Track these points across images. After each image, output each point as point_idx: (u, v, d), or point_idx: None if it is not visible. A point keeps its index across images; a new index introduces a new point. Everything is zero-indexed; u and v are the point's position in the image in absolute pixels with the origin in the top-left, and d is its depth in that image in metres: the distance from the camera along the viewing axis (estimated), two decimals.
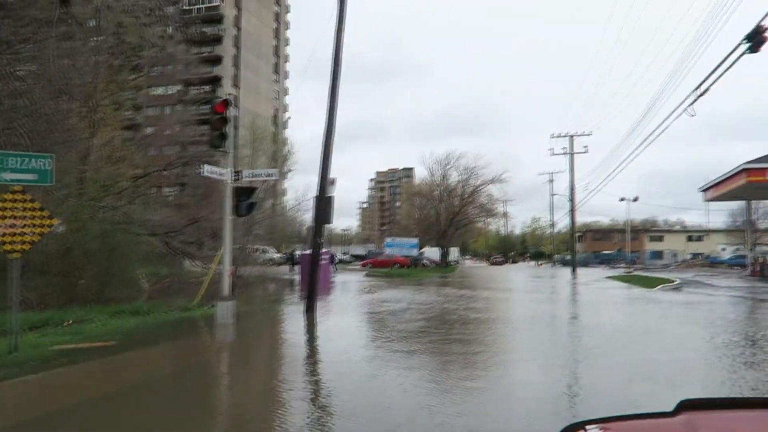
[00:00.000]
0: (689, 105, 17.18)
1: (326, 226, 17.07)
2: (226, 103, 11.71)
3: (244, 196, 12.16)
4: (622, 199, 47.42)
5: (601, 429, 1.41)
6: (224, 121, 11.69)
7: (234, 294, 21.45)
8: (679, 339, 10.47)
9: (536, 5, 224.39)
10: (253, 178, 12.16)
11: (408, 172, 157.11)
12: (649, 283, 27.47)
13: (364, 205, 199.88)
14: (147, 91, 72.12)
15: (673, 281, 27.95)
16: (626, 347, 9.47)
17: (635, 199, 47.40)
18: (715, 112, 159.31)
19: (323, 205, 14.14)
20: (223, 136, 11.68)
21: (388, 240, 41.54)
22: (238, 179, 12.15)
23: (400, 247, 39.73)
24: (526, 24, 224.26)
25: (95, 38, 22.61)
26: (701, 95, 16.54)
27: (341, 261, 59.26)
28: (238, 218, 25.56)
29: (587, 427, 1.41)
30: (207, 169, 11.41)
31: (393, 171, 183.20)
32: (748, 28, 13.12)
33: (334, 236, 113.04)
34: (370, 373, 7.27)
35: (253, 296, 20.14)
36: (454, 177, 58.08)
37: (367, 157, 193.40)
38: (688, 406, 1.47)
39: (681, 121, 20.85)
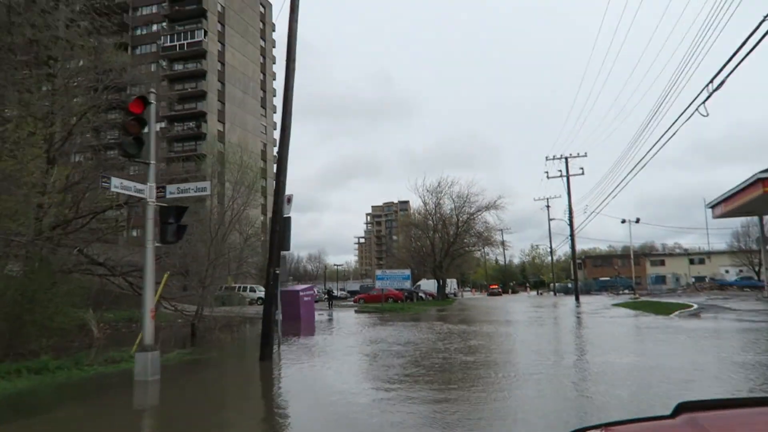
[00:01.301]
0: (701, 103, 15.26)
1: (289, 254, 14.61)
2: (143, 102, 9.34)
3: (172, 218, 9.68)
4: (623, 221, 45.14)
5: None
6: (141, 123, 9.31)
7: (194, 341, 18.91)
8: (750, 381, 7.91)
9: (526, 30, 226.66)
10: (181, 194, 9.70)
11: (404, 205, 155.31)
12: (663, 309, 24.85)
13: (361, 240, 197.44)
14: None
15: (690, 306, 25.36)
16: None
17: (637, 221, 45.13)
18: (703, 136, 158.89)
19: (279, 227, 11.68)
20: (140, 142, 9.27)
21: (378, 272, 38.62)
22: (162, 196, 9.70)
23: (391, 279, 36.92)
24: (515, 49, 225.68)
25: (74, 79, 20.79)
26: (716, 89, 14.54)
27: (336, 297, 56.42)
28: (201, 251, 23.01)
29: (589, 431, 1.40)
30: (117, 184, 8.95)
31: (389, 204, 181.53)
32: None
33: (330, 272, 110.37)
34: None
35: (216, 341, 17.50)
36: (447, 205, 55.74)
37: (363, 193, 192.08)
38: (686, 408, 1.44)
39: (676, 144, 19.20)
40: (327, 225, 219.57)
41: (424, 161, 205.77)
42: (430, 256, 55.64)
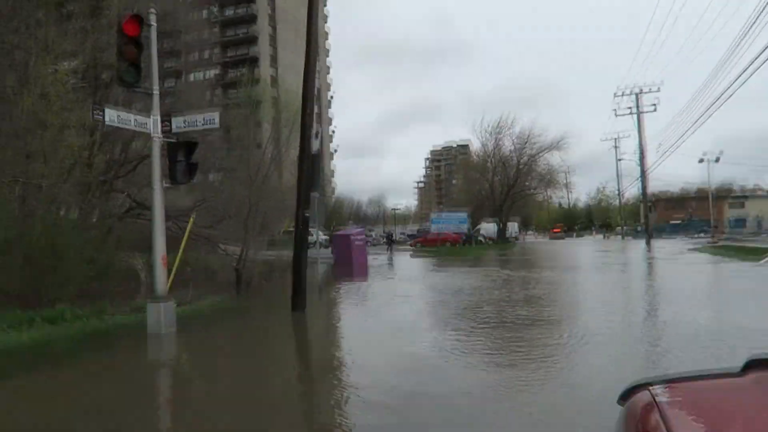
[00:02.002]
0: None
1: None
2: (138, 21, 8.10)
3: (182, 155, 8.58)
4: (701, 160, 41.24)
5: (666, 387, 1.33)
6: (138, 46, 8.11)
7: (238, 288, 18.35)
8: None
9: None
10: (188, 128, 8.54)
11: (463, 147, 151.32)
12: (749, 254, 22.29)
13: (421, 185, 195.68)
14: (186, 78, 70.73)
15: None
16: None
17: (717, 159, 41.11)
18: None
19: (307, 166, 10.43)
20: (137, 69, 8.10)
21: (434, 215, 37.13)
22: (168, 130, 8.58)
23: (447, 223, 35.43)
24: None
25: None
26: None
27: (395, 241, 55.71)
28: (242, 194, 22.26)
29: (652, 386, 1.34)
30: (112, 117, 7.87)
31: (448, 147, 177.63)
32: None
33: (391, 216, 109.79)
34: None
35: (258, 288, 16.84)
36: (507, 146, 53.04)
37: (423, 138, 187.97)
38: (757, 364, 1.34)
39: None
40: (388, 170, 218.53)
41: (486, 104, 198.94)
42: (489, 199, 53.61)
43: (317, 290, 14.75)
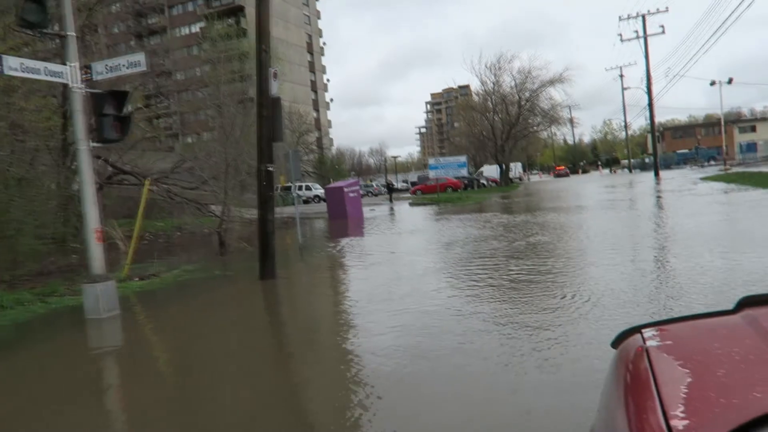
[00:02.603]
0: None
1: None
2: None
3: (110, 107, 7.22)
4: (713, 83, 39.04)
5: (657, 330, 1.34)
6: None
7: (222, 250, 17.23)
8: None
9: None
10: (111, 74, 7.15)
11: (464, 89, 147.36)
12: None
13: (422, 131, 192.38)
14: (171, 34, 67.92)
15: None
16: None
17: (730, 81, 38.89)
18: None
19: (267, 111, 9.04)
20: (41, 5, 6.66)
21: (432, 161, 35.58)
22: (89, 80, 7.20)
23: (446, 168, 33.93)
24: None
25: None
26: None
27: (395, 189, 54.46)
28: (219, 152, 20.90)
29: (643, 330, 1.34)
30: (13, 65, 6.48)
31: (448, 90, 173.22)
32: None
33: (393, 165, 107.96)
34: None
35: (237, 252, 15.73)
36: (507, 83, 50.81)
37: (424, 84, 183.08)
38: (750, 302, 1.36)
39: None
40: (389, 119, 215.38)
41: (487, 45, 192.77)
42: (491, 140, 51.86)
43: (299, 252, 13.58)
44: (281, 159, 16.23)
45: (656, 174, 42.09)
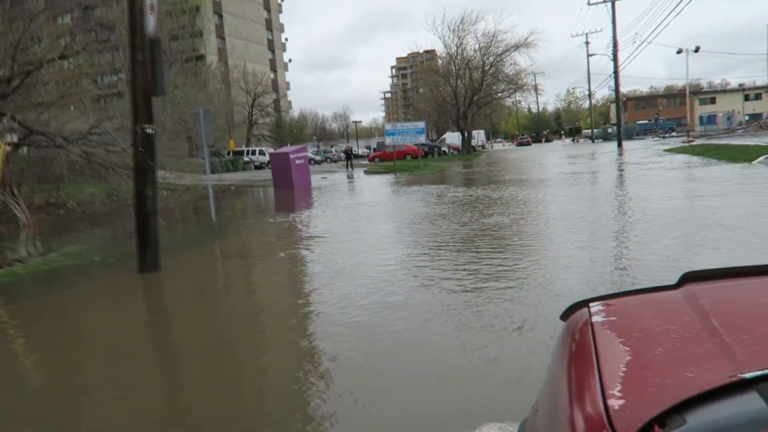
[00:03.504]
0: None
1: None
2: None
3: None
4: (679, 51, 37.80)
5: (604, 305, 1.39)
6: None
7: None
8: None
9: None
10: None
11: (429, 54, 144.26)
12: (736, 154, 19.70)
13: (387, 96, 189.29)
14: None
15: None
16: None
17: (697, 50, 37.71)
18: None
19: (143, 56, 6.93)
20: None
21: (388, 127, 33.45)
22: None
23: (403, 134, 31.92)
24: None
25: None
26: None
27: (356, 156, 52.31)
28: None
29: (591, 304, 1.39)
30: None
31: (414, 55, 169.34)
32: None
33: (357, 130, 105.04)
34: None
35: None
36: (472, 45, 48.77)
37: (390, 48, 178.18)
38: (691, 278, 1.42)
39: None
40: (354, 83, 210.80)
41: (454, 9, 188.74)
42: (453, 107, 50.00)
43: (210, 232, 11.54)
44: (192, 120, 13.90)
45: (619, 144, 41.14)
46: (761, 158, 16.57)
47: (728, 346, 1.02)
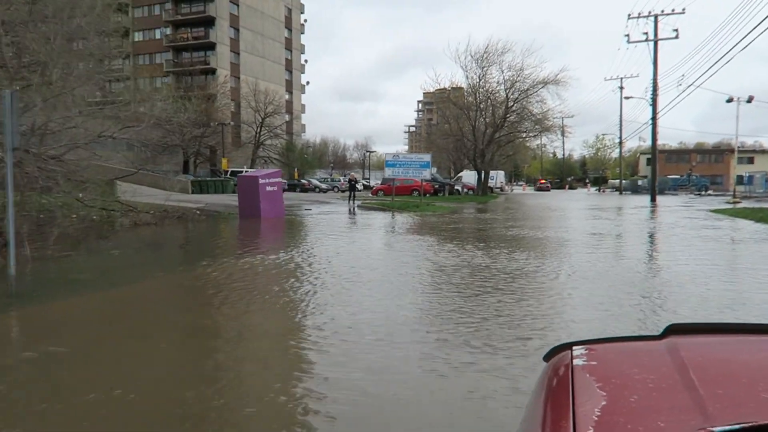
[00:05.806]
0: None
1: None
2: None
3: None
4: (729, 100, 33.45)
5: (587, 349, 1.38)
6: None
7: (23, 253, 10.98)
8: None
9: None
10: None
11: (457, 90, 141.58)
12: None
13: (411, 129, 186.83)
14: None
15: None
16: None
17: (750, 100, 33.34)
18: None
19: None
20: None
21: (389, 158, 29.25)
22: None
23: (405, 166, 27.73)
24: None
25: None
26: None
27: (358, 189, 48.22)
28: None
29: (574, 347, 1.39)
30: None
31: (441, 91, 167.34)
32: None
33: (377, 161, 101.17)
34: None
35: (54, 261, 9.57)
36: (495, 77, 44.91)
37: (419, 84, 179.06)
38: (676, 330, 1.42)
39: None
40: (381, 115, 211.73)
41: (482, 42, 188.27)
42: (471, 143, 45.93)
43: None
44: None
45: (653, 199, 36.54)
46: None
47: (702, 399, 1.02)
